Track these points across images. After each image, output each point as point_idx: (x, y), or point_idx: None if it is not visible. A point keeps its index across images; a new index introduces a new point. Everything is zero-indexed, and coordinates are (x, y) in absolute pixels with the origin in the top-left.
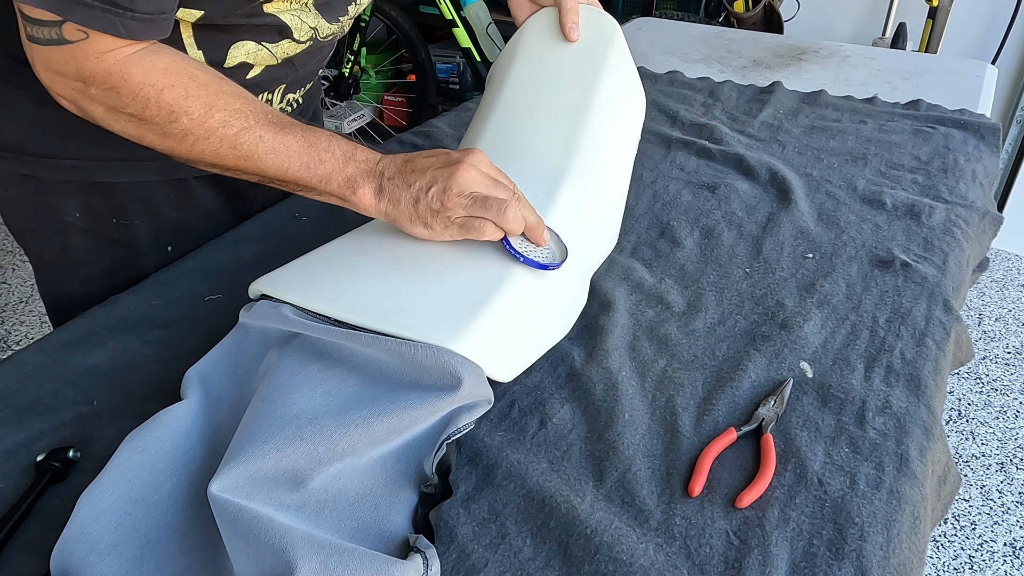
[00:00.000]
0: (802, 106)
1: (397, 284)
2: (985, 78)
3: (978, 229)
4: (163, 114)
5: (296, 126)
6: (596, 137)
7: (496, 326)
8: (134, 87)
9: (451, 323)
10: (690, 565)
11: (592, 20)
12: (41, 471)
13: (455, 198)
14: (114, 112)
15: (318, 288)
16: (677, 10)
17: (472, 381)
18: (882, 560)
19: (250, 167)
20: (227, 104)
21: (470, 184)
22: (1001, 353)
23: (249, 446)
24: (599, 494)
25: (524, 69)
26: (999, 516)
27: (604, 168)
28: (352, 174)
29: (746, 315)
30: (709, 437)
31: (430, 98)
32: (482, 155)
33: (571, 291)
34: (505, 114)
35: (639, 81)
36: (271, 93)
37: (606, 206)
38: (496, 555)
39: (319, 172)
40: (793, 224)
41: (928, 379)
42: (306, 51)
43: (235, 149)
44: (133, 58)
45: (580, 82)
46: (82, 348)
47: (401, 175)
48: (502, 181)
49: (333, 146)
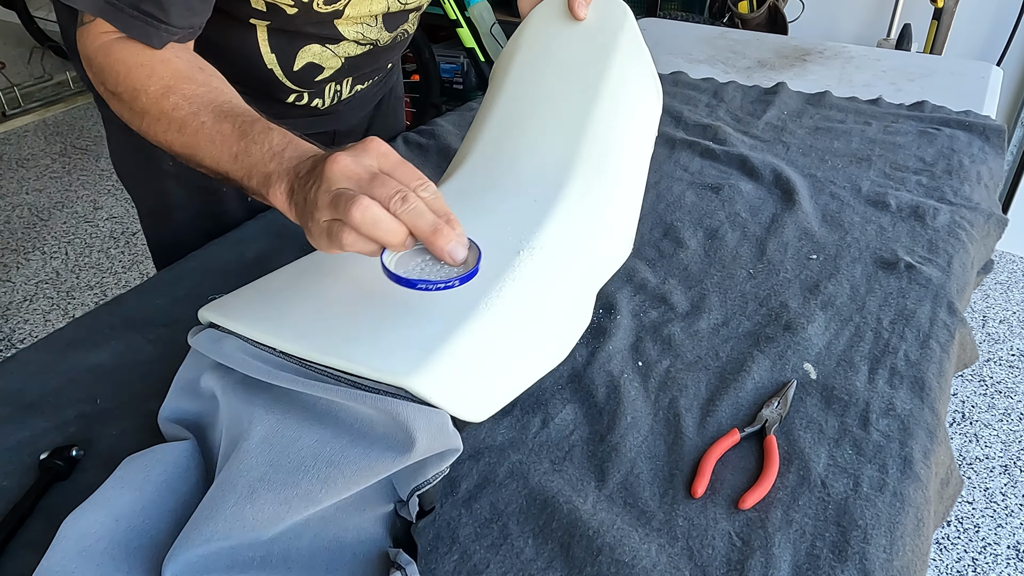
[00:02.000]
0: (806, 107)
1: (355, 310)
2: (990, 79)
3: (983, 231)
4: (128, 91)
5: (239, 116)
6: (605, 133)
7: (465, 356)
8: (112, 62)
9: (408, 355)
10: (692, 566)
11: (601, 5)
12: (44, 469)
13: (321, 195)
14: (104, 88)
15: (265, 316)
16: (681, 11)
17: (429, 436)
18: (885, 563)
19: (193, 156)
20: (186, 89)
21: (336, 178)
22: (1005, 355)
23: (197, 528)
24: (601, 495)
25: (527, 61)
26: (1003, 519)
27: (615, 167)
28: (272, 171)
29: (750, 316)
30: (712, 438)
31: (434, 98)
32: (375, 142)
33: (569, 310)
34: (506, 111)
35: (654, 71)
36: (338, 84)
37: (617, 210)
38: (498, 556)
39: (244, 164)
40: (797, 225)
41: (932, 381)
42: (366, 53)
43: (181, 134)
44: (117, 41)
45: (587, 73)
46: (85, 346)
47: (307, 174)
48: (389, 172)
49: (266, 139)
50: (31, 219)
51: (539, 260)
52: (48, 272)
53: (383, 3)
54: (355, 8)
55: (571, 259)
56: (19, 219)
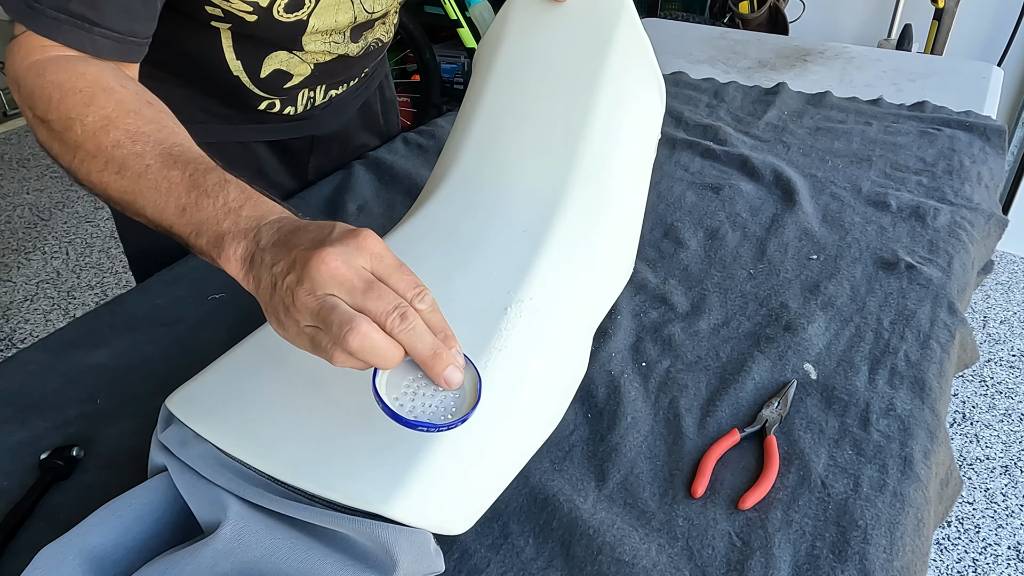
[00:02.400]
0: (807, 107)
1: (327, 417)
2: (991, 80)
3: (983, 231)
4: (61, 119)
5: (191, 164)
6: (602, 143)
7: (445, 470)
8: (44, 85)
9: (383, 478)
10: (692, 566)
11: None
12: (45, 469)
13: (304, 297)
14: (32, 115)
15: (233, 422)
16: (682, 11)
17: (412, 557)
18: (885, 563)
19: (132, 204)
20: (130, 125)
21: (324, 282)
22: (1006, 356)
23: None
24: (601, 495)
25: (512, 54)
26: (1003, 520)
27: (614, 183)
28: (225, 231)
29: (750, 316)
30: (712, 438)
31: (435, 98)
32: (370, 240)
33: (564, 373)
34: (489, 117)
35: (656, 64)
36: (311, 90)
37: (618, 234)
38: (498, 555)
39: (193, 219)
40: (797, 225)
41: (932, 382)
42: (337, 60)
43: (119, 176)
44: (52, 60)
45: (581, 71)
46: (86, 346)
47: (274, 247)
48: (384, 278)
49: (221, 193)
50: (32, 219)
51: (529, 317)
52: (49, 272)
53: (349, 13)
54: (320, 19)
55: (567, 306)
56: (20, 219)
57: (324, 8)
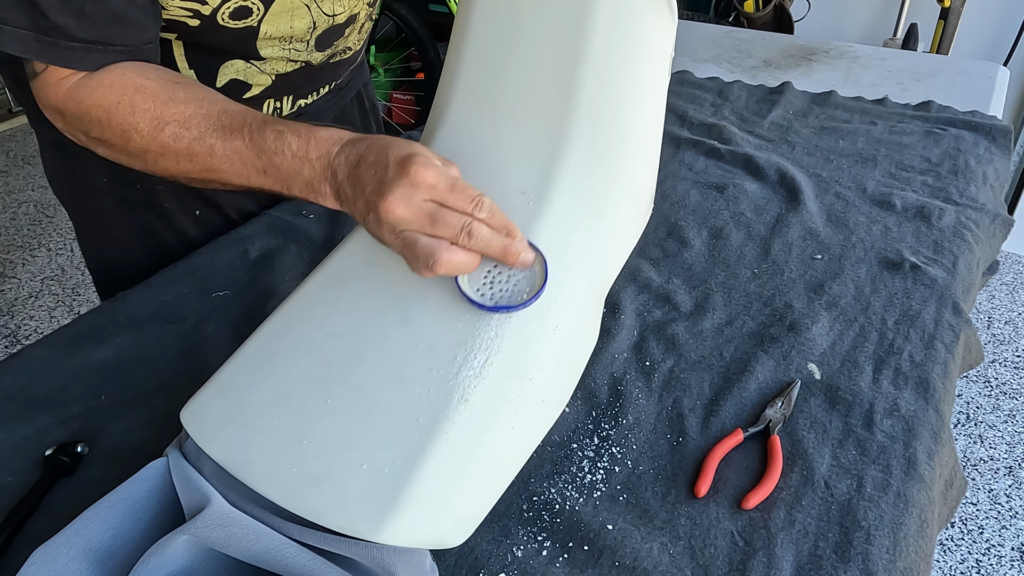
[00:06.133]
0: (812, 107)
1: (321, 433)
2: (997, 80)
3: (988, 232)
4: (117, 135)
5: (244, 127)
6: (604, 76)
7: (437, 485)
8: (88, 110)
9: (374, 503)
10: (694, 566)
11: None
12: (49, 465)
13: (387, 236)
14: (87, 137)
15: (238, 442)
16: (687, 10)
17: (410, 573)
18: (888, 564)
19: (217, 179)
20: (176, 114)
21: (396, 224)
22: (1011, 356)
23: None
24: (604, 494)
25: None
26: (1007, 520)
27: (621, 113)
28: (309, 178)
29: (754, 316)
30: (716, 438)
31: None
32: (421, 173)
33: (573, 347)
34: (474, 64)
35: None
36: (276, 101)
37: (631, 179)
38: (499, 555)
39: (277, 177)
40: (802, 225)
41: (937, 382)
42: (300, 71)
43: (193, 163)
44: (80, 83)
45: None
46: (90, 343)
47: (350, 181)
48: (443, 202)
49: (283, 146)
50: (37, 215)
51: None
52: (54, 269)
53: (306, 18)
54: (272, 25)
55: (576, 273)
56: (25, 216)
57: (276, 15)
